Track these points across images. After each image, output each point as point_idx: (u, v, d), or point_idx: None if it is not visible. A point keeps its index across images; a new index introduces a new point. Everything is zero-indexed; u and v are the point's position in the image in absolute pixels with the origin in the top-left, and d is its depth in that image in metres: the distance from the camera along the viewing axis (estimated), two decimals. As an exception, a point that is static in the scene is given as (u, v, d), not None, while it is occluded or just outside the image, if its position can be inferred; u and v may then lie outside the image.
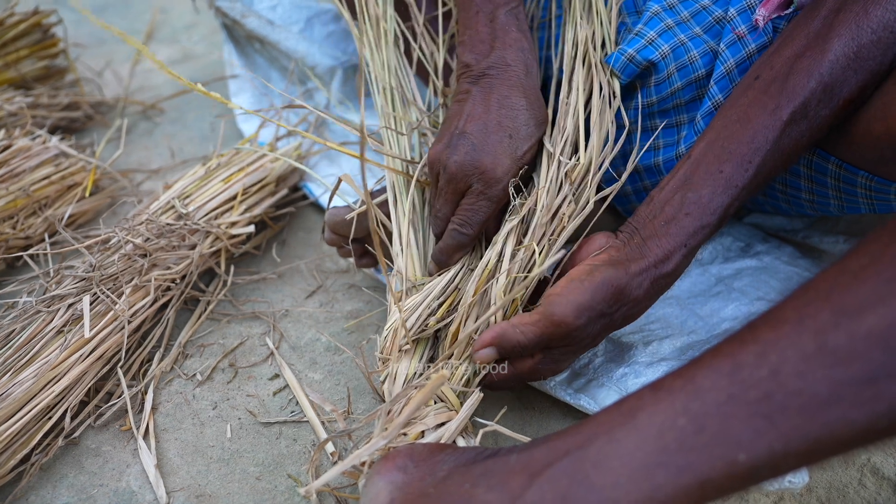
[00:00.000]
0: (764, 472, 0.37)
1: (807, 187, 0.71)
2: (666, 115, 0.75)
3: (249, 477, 0.65)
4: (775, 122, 0.58)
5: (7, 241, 0.86)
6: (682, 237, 0.59)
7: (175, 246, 0.80)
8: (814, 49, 0.58)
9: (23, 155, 0.93)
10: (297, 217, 1.00)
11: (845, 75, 0.57)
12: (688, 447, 0.38)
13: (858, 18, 0.57)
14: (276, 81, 1.21)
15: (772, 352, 0.38)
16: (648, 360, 0.68)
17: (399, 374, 0.61)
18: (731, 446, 0.37)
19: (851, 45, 0.57)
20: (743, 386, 0.38)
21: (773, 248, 0.83)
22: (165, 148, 1.15)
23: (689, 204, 0.59)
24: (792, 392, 0.36)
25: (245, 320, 0.83)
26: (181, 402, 0.73)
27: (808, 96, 0.58)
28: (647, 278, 0.59)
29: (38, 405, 0.65)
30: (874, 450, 0.67)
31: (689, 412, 0.39)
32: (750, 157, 0.59)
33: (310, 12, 1.20)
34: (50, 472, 0.66)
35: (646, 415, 0.40)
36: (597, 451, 0.40)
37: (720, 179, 0.59)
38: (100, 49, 1.49)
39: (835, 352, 0.36)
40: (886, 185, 0.62)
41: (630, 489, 0.38)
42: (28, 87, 1.18)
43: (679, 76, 0.72)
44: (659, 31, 0.71)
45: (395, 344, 0.63)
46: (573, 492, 0.39)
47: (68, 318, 0.71)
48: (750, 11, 0.69)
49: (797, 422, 0.36)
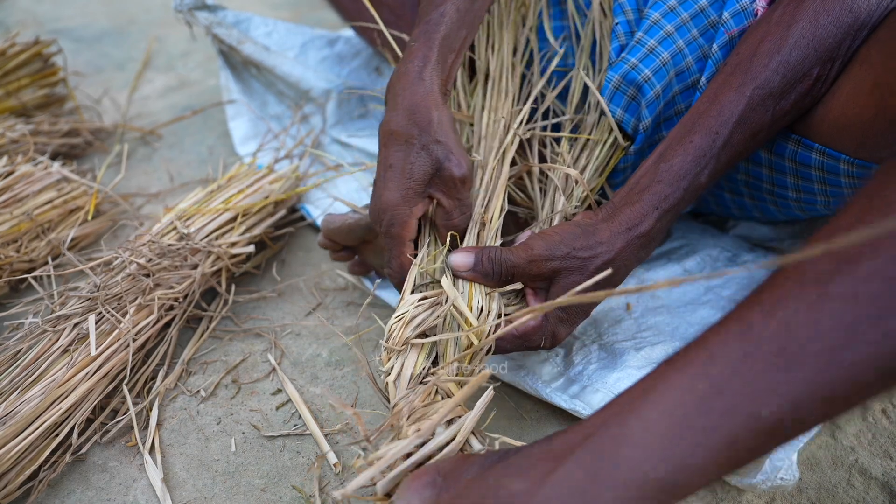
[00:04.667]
0: (789, 426, 0.37)
1: (793, 184, 0.73)
2: (670, 123, 0.78)
3: (255, 489, 0.66)
4: (740, 98, 0.63)
5: (11, 265, 0.88)
6: (655, 201, 0.63)
7: (177, 266, 0.82)
8: (775, 34, 0.64)
9: (26, 180, 0.95)
10: (296, 237, 1.03)
11: (806, 53, 0.62)
12: (710, 410, 0.38)
13: (816, 4, 0.62)
14: (272, 105, 1.24)
15: (779, 308, 0.39)
16: (640, 364, 0.70)
17: (406, 369, 0.60)
18: (753, 403, 0.37)
19: (809, 27, 0.62)
20: (756, 344, 0.39)
21: (759, 257, 0.85)
22: (164, 172, 1.17)
23: (660, 173, 0.64)
24: (804, 342, 0.37)
25: (247, 337, 0.85)
26: (186, 417, 0.74)
27: (770, 74, 0.63)
28: (619, 238, 0.63)
29: (46, 422, 0.66)
30: (862, 451, 0.69)
31: (707, 377, 0.39)
32: (717, 128, 0.63)
33: (304, 38, 1.24)
34: (58, 488, 0.67)
35: (665, 386, 0.40)
36: (620, 428, 0.40)
37: (689, 148, 0.64)
38: (97, 77, 1.51)
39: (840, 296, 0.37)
40: (867, 167, 0.64)
41: (658, 459, 0.38)
42: (29, 114, 1.20)
43: (677, 81, 0.75)
44: (659, 39, 0.75)
45: (403, 336, 0.61)
46: (601, 469, 0.39)
47: (74, 337, 0.73)
48: (743, 14, 0.72)
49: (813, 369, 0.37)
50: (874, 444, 0.70)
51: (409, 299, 0.63)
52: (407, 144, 0.66)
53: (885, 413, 0.73)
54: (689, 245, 0.89)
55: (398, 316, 0.62)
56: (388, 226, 0.67)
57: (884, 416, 0.72)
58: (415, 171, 0.66)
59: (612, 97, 0.76)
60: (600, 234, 0.63)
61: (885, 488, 0.65)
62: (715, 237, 0.91)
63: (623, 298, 0.82)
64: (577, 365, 0.73)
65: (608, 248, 0.62)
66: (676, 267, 0.85)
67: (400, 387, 0.59)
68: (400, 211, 0.66)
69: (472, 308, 0.62)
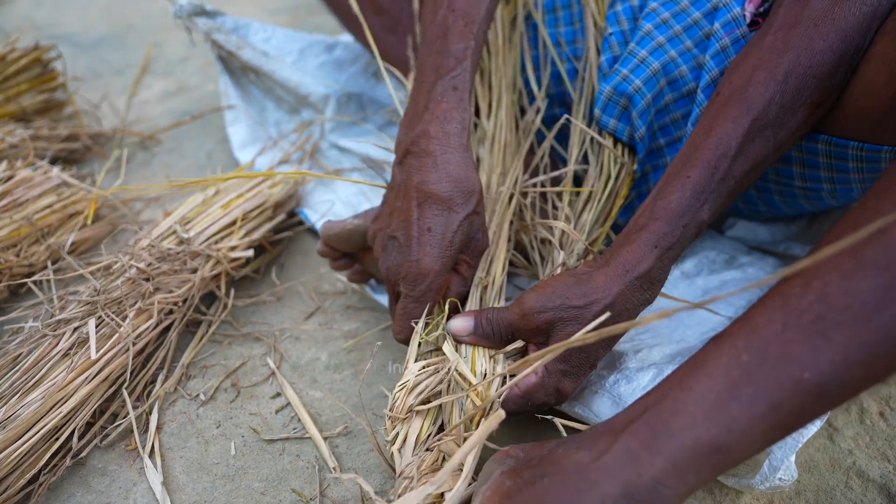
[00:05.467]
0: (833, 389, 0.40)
1: (799, 173, 0.73)
2: (666, 131, 0.79)
3: (254, 492, 0.66)
4: (737, 129, 0.61)
5: (11, 269, 0.88)
6: (653, 239, 0.61)
7: (177, 270, 0.83)
8: (768, 62, 0.62)
9: (25, 185, 0.96)
10: (295, 241, 1.03)
11: (804, 82, 0.61)
12: (754, 378, 0.41)
13: (808, 31, 0.61)
14: (270, 111, 1.25)
15: (815, 278, 0.41)
16: (638, 365, 0.70)
17: (410, 437, 0.59)
18: (794, 368, 0.40)
19: (804, 56, 0.61)
20: (795, 313, 0.41)
21: (756, 259, 0.86)
22: (163, 177, 1.18)
23: (658, 210, 0.62)
24: (841, 308, 0.40)
25: (246, 341, 0.85)
26: (185, 421, 0.74)
27: (766, 105, 0.61)
28: (615, 282, 0.60)
29: (46, 426, 0.66)
30: (859, 453, 0.69)
31: (750, 348, 0.42)
32: (716, 162, 0.61)
33: (302, 44, 1.24)
34: (58, 491, 0.67)
35: (712, 361, 0.44)
36: (672, 401, 0.44)
37: (688, 184, 0.61)
38: (96, 82, 1.52)
39: (874, 263, 0.39)
40: (877, 150, 0.64)
41: (708, 426, 0.41)
42: (29, 119, 1.21)
43: (669, 89, 0.76)
44: (650, 50, 0.75)
45: (406, 404, 0.60)
46: (655, 439, 0.43)
47: (74, 341, 0.73)
48: (734, 23, 0.73)
49: (851, 332, 0.39)
50: (872, 446, 0.70)
51: (412, 368, 0.62)
52: (449, 212, 0.65)
53: (883, 416, 0.73)
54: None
55: (401, 385, 0.61)
56: (425, 292, 0.65)
57: (881, 419, 0.73)
58: (455, 240, 0.66)
59: (605, 108, 0.77)
60: (595, 281, 0.60)
61: (883, 490, 0.65)
62: (712, 239, 0.91)
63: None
64: (576, 368, 0.73)
65: (605, 293, 0.60)
66: (673, 269, 0.85)
67: (405, 454, 0.59)
68: (439, 279, 0.65)
69: (475, 373, 0.61)
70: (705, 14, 0.76)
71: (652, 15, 0.78)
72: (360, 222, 0.77)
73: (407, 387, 0.60)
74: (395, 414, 0.60)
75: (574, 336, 0.49)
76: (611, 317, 0.60)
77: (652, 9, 0.78)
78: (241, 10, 1.84)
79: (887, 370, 0.40)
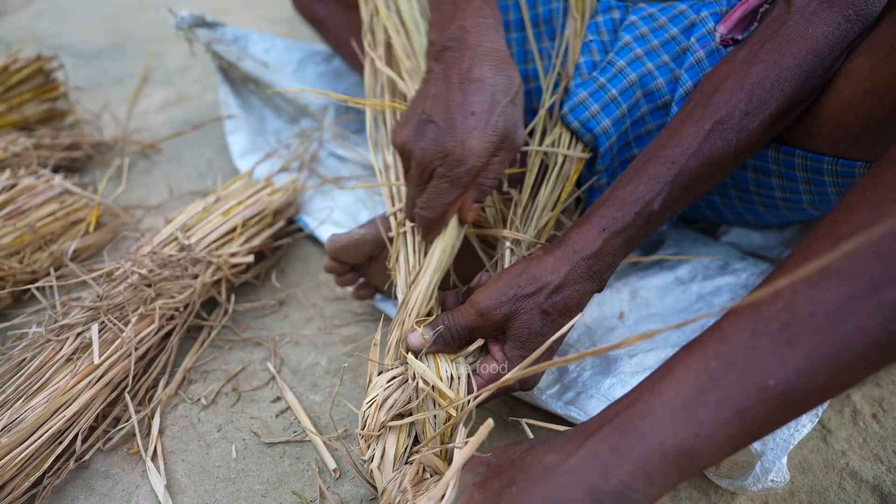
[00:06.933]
0: (797, 397, 0.41)
1: (779, 185, 0.75)
2: (640, 142, 0.80)
3: (255, 495, 0.67)
4: (699, 131, 0.63)
5: (14, 276, 0.89)
6: (602, 223, 0.63)
7: (178, 276, 0.84)
8: (738, 74, 0.64)
9: (28, 193, 0.97)
10: (294, 248, 1.04)
11: (770, 94, 0.63)
12: (721, 384, 0.42)
13: (780, 48, 0.63)
14: (270, 120, 1.26)
15: (785, 288, 0.42)
16: (633, 370, 0.71)
17: (388, 453, 0.59)
18: (760, 374, 0.41)
19: (773, 69, 0.63)
20: (764, 321, 0.42)
21: (750, 265, 0.87)
22: (164, 185, 1.19)
23: (612, 199, 0.64)
24: (806, 316, 0.41)
25: (246, 346, 0.86)
26: (187, 425, 0.75)
27: (730, 111, 0.63)
28: (564, 263, 0.62)
29: (50, 430, 0.67)
30: (853, 454, 0.70)
31: (719, 354, 0.43)
32: (674, 158, 0.63)
33: (302, 54, 1.26)
34: (61, 494, 0.68)
35: (681, 366, 0.44)
36: (642, 405, 0.44)
37: (643, 175, 0.64)
38: (97, 92, 1.53)
39: (837, 273, 0.40)
40: (851, 166, 0.66)
41: (675, 430, 0.42)
42: (31, 128, 1.22)
43: (645, 101, 0.77)
44: (629, 61, 0.77)
45: (378, 420, 0.59)
46: (623, 442, 0.43)
47: (77, 346, 0.74)
48: (709, 36, 0.75)
49: (816, 341, 0.40)
50: (865, 447, 0.71)
51: (378, 381, 0.61)
52: (493, 97, 0.63)
53: (876, 418, 0.74)
54: (681, 253, 0.90)
55: (369, 401, 0.60)
56: (463, 174, 0.63)
57: (874, 420, 0.74)
58: (499, 126, 0.63)
59: (573, 109, 0.77)
60: (544, 264, 0.62)
61: (876, 491, 0.66)
62: (707, 245, 0.92)
63: (617, 306, 0.83)
64: (572, 372, 0.74)
65: (554, 275, 0.61)
66: (669, 274, 0.86)
67: (385, 471, 0.58)
68: (480, 162, 0.63)
69: (441, 378, 0.61)
70: (683, 30, 0.78)
71: (631, 28, 0.79)
72: (366, 231, 0.77)
73: (376, 402, 0.60)
74: (367, 432, 0.59)
75: (546, 342, 0.52)
76: (560, 298, 0.62)
77: (631, 21, 0.80)
78: (241, 21, 1.85)
79: (851, 378, 0.41)
